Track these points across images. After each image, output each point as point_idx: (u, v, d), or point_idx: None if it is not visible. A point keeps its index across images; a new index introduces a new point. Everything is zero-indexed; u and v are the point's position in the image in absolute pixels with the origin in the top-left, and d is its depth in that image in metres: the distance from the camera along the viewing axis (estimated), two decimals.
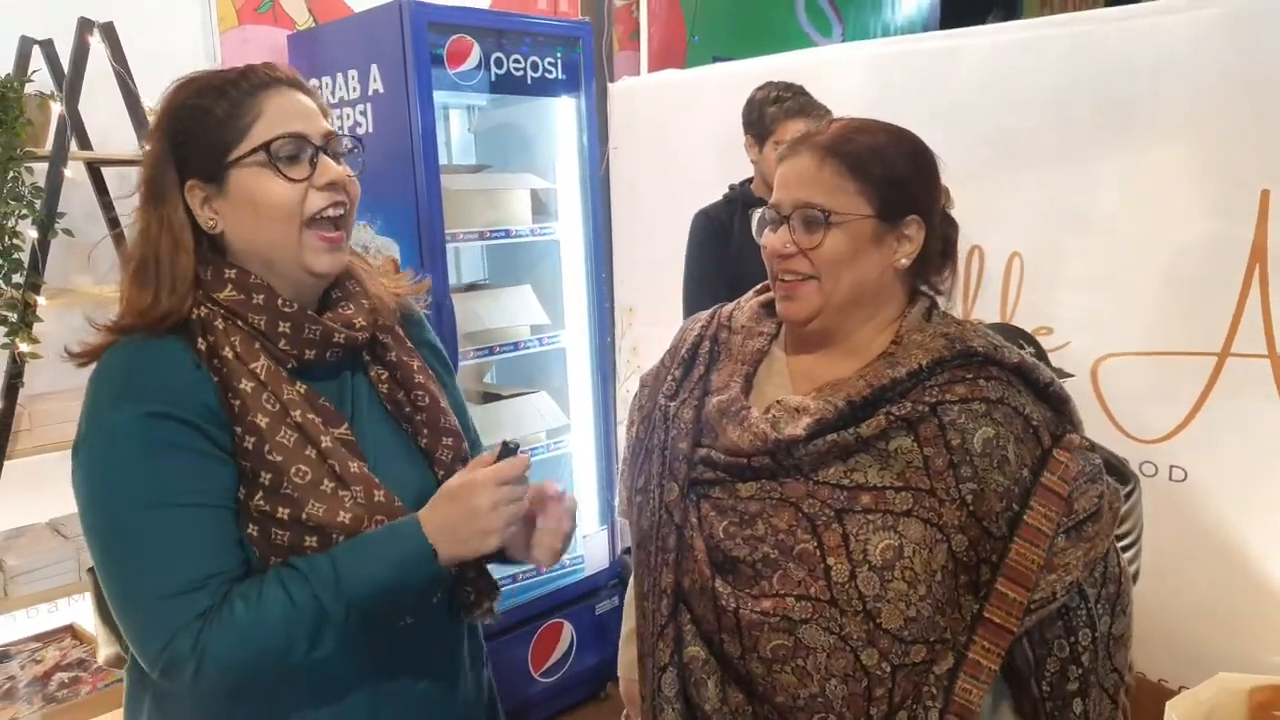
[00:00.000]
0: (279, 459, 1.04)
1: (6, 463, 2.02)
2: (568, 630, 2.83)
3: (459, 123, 3.04)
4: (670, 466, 1.19)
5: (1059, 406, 1.15)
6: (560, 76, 2.69)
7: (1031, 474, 1.09)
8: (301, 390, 1.09)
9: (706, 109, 2.99)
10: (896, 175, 1.12)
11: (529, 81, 2.63)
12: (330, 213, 1.09)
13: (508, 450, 1.10)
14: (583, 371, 2.87)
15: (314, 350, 1.10)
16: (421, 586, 1.07)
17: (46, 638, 2.39)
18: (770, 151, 2.40)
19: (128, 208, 1.13)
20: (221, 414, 1.04)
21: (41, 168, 2.03)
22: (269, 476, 1.04)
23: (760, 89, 2.35)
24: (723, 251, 2.41)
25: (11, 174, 1.97)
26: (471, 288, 2.92)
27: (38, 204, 1.99)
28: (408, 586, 1.06)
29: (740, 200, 2.46)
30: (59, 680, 2.30)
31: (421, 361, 1.23)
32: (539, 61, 2.64)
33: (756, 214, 1.21)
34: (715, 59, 3.68)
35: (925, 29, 4.77)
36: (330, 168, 1.08)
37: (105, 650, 1.21)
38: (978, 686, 1.06)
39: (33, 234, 1.98)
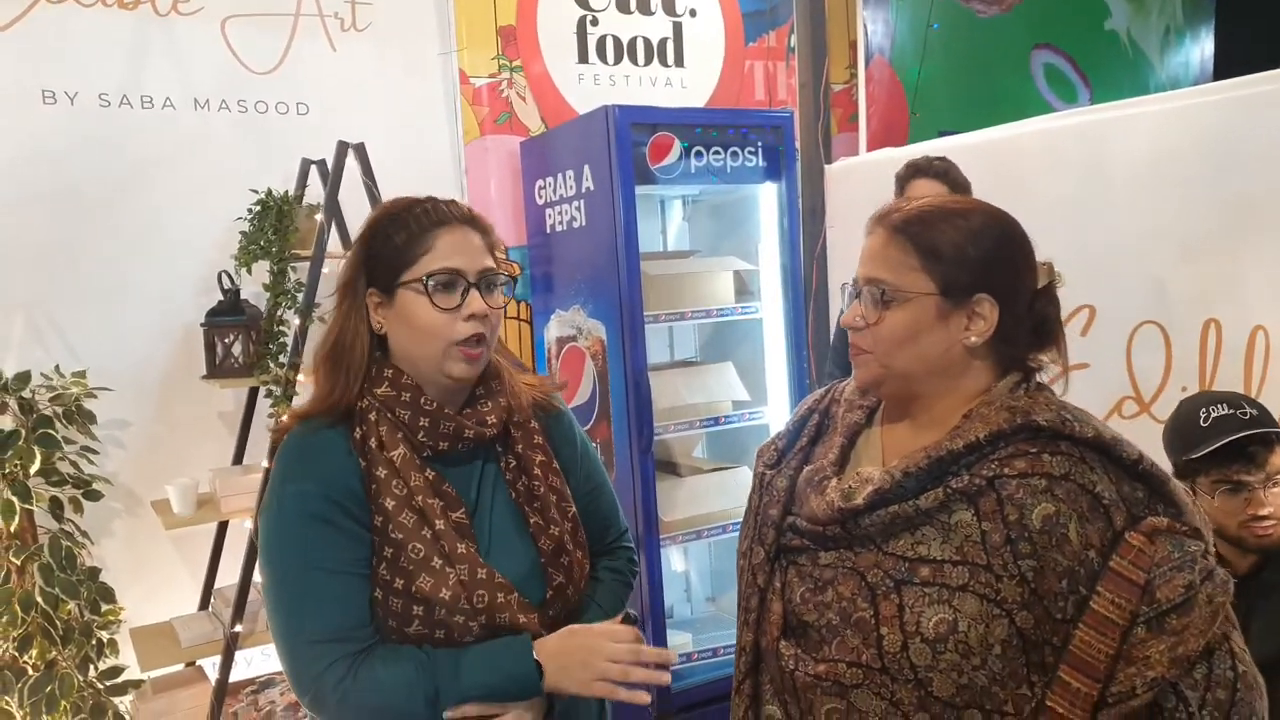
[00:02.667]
0: (399, 537, 1.23)
1: None
2: None
3: (678, 212, 3.24)
4: (759, 532, 1.24)
5: (1155, 486, 1.08)
6: (761, 164, 2.81)
7: (1100, 556, 1.03)
8: (430, 476, 1.28)
9: None
10: (965, 254, 1.12)
11: (729, 171, 2.77)
12: (473, 340, 1.27)
13: (628, 619, 1.31)
14: None
15: (447, 442, 1.30)
16: (521, 696, 1.24)
17: None
18: None
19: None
20: (363, 495, 1.25)
21: (304, 266, 2.44)
22: (390, 551, 1.24)
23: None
24: None
25: (281, 272, 2.39)
26: (681, 364, 3.07)
27: (299, 296, 2.39)
28: (509, 693, 1.23)
29: None
30: None
31: (545, 456, 1.39)
32: (739, 152, 2.77)
33: (843, 286, 1.25)
34: (941, 134, 3.64)
35: (1196, 84, 4.42)
36: (475, 302, 1.27)
37: None
38: None
39: (295, 321, 2.37)
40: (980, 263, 1.12)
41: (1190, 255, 2.31)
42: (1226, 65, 4.59)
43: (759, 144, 2.80)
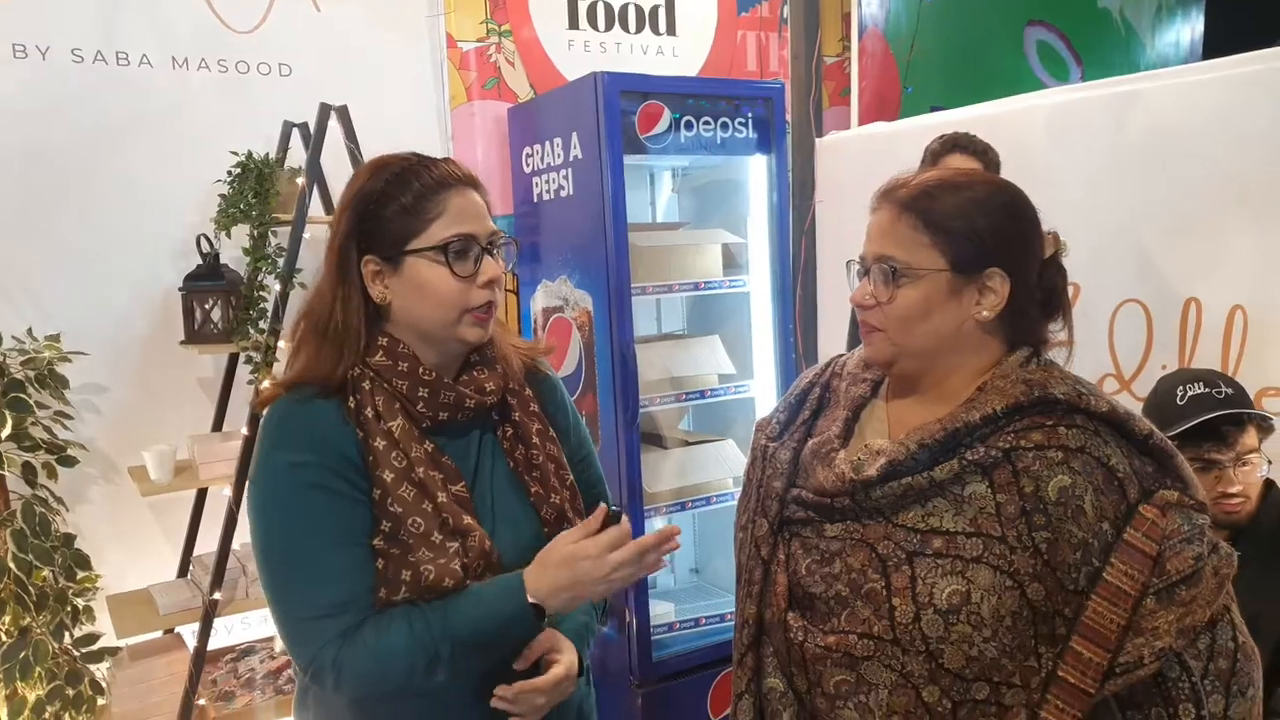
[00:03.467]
0: (399, 510, 1.19)
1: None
2: None
3: (667, 184, 3.20)
4: (763, 504, 1.24)
5: (1163, 461, 1.09)
6: (751, 136, 2.78)
7: (1113, 529, 1.04)
8: (429, 449, 1.24)
9: (912, 158, 2.95)
10: (976, 228, 1.11)
11: (719, 142, 2.73)
12: (486, 305, 1.24)
13: (612, 518, 1.19)
14: None
15: (447, 412, 1.26)
16: (519, 637, 1.20)
17: None
18: None
19: None
20: (360, 464, 1.20)
21: (285, 231, 2.39)
22: (389, 525, 1.19)
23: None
24: None
25: (262, 236, 2.35)
26: (668, 337, 3.05)
27: (279, 261, 2.34)
28: (508, 637, 1.19)
29: None
30: (287, 675, 2.62)
31: (542, 424, 1.36)
32: (729, 123, 2.74)
33: (849, 263, 1.23)
34: (932, 109, 3.61)
35: (1185, 63, 4.41)
36: (490, 267, 1.24)
37: None
38: None
39: (276, 287, 2.32)
40: (990, 236, 1.11)
41: (1173, 235, 2.31)
42: (1216, 45, 4.57)
43: (750, 115, 2.76)
